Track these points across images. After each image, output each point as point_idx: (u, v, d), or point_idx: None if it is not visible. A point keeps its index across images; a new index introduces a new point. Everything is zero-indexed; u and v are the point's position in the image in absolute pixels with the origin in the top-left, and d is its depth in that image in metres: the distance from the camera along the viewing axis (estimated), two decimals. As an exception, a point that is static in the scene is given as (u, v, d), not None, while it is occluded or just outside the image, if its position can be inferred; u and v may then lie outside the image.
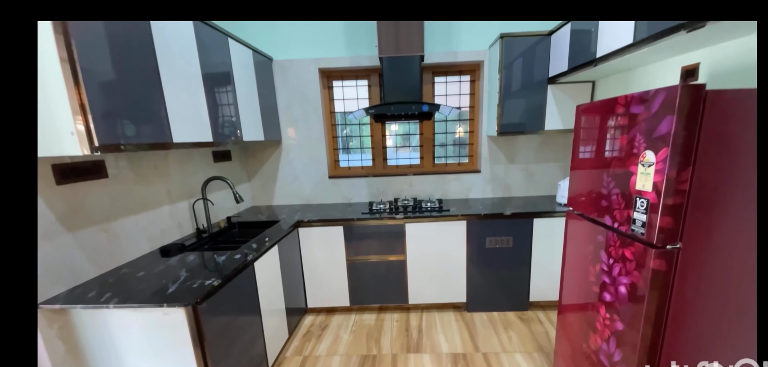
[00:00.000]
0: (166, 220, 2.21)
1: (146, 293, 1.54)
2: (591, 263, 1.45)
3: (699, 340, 1.14)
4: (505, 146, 3.05)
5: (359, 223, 2.62)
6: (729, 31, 1.37)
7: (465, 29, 2.81)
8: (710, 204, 1.04)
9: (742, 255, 1.06)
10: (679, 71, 1.82)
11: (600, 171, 1.36)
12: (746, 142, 1.00)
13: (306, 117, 3.03)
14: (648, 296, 1.12)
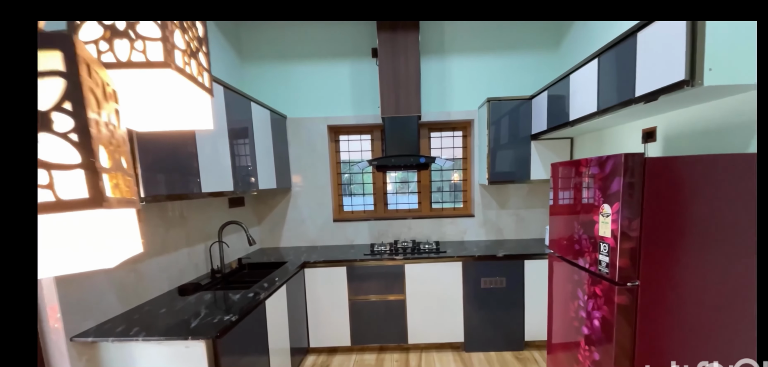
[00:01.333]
0: (184, 261, 2.39)
1: (170, 327, 1.70)
2: (571, 299, 1.65)
3: (664, 362, 1.32)
4: (496, 193, 3.31)
5: (361, 263, 2.80)
6: (679, 102, 1.67)
7: (457, 92, 3.18)
8: (660, 247, 1.27)
9: (694, 287, 1.27)
10: (641, 133, 2.12)
11: (572, 219, 1.60)
12: (680, 196, 1.25)
13: (314, 167, 3.30)
14: (616, 327, 1.32)
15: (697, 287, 1.28)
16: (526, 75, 3.14)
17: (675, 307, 1.29)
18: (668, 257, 1.28)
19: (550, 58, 3.14)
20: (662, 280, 1.28)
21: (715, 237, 1.28)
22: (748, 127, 1.49)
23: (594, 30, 2.58)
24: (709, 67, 1.33)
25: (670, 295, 1.29)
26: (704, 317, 1.29)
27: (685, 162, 1.31)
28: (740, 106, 1.53)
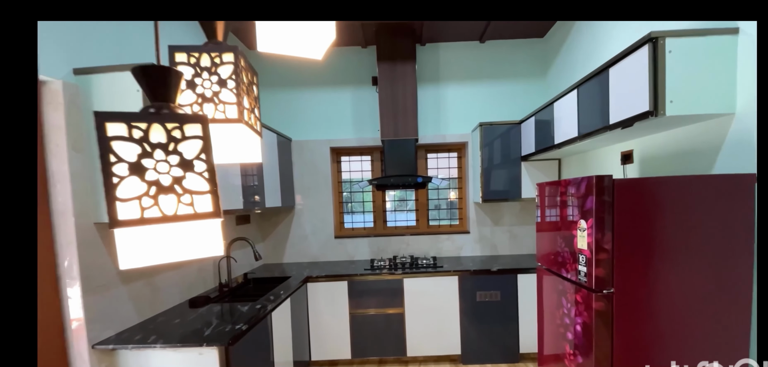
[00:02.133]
0: (194, 275, 2.52)
1: (184, 335, 1.82)
2: (556, 308, 1.79)
3: (640, 360, 1.46)
4: (489, 211, 3.48)
5: (362, 278, 2.93)
6: (652, 129, 1.85)
7: (451, 117, 3.39)
8: (631, 257, 1.43)
9: (664, 293, 1.43)
10: (619, 155, 2.31)
11: (556, 234, 1.77)
12: (647, 213, 1.42)
13: (316, 186, 3.47)
14: (595, 330, 1.47)
15: (666, 293, 1.43)
16: (515, 101, 3.36)
17: (647, 311, 1.44)
18: (639, 266, 1.44)
19: (538, 86, 3.37)
20: (634, 287, 1.44)
21: (680, 249, 1.45)
22: (712, 151, 1.68)
23: (577, 60, 2.81)
24: (671, 100, 1.53)
25: (643, 300, 1.44)
26: (675, 320, 1.44)
27: (649, 183, 1.49)
28: (704, 132, 1.72)
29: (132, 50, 2.01)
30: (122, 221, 0.35)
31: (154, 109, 0.41)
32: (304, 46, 0.49)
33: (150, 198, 0.37)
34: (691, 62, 1.53)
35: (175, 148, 0.39)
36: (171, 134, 0.38)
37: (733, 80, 1.55)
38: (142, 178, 0.37)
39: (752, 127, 1.49)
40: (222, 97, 0.52)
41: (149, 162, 0.38)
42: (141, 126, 0.36)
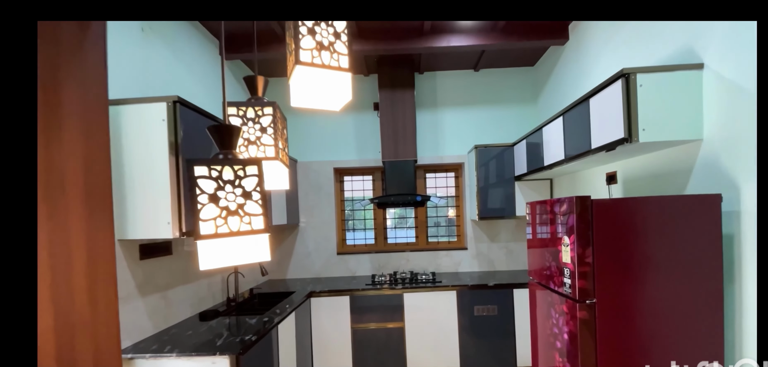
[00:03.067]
0: (204, 290, 2.65)
1: (198, 346, 1.94)
2: (546, 319, 1.92)
3: (623, 363, 1.58)
4: (486, 228, 3.62)
5: (363, 293, 3.05)
6: (632, 152, 2.02)
7: (448, 139, 3.59)
8: (610, 270, 1.58)
9: (642, 302, 1.56)
10: (604, 176, 2.48)
11: (544, 250, 1.91)
12: (623, 230, 1.57)
13: (320, 204, 3.62)
14: (580, 339, 1.60)
15: (644, 301, 1.57)
16: (508, 125, 3.55)
17: (627, 318, 1.58)
18: (618, 278, 1.58)
19: (529, 111, 3.57)
20: (614, 296, 1.58)
21: (655, 261, 1.59)
22: (685, 173, 1.84)
23: (565, 87, 3.01)
24: (643, 128, 1.70)
25: (622, 309, 1.58)
26: (652, 325, 1.58)
27: (624, 203, 1.65)
28: (677, 156, 1.89)
29: (156, 82, 2.21)
30: (203, 235, 0.50)
31: (222, 155, 0.57)
32: (327, 103, 0.65)
33: (222, 219, 0.52)
34: (660, 95, 1.71)
35: (239, 183, 0.55)
36: (237, 173, 0.54)
37: (699, 110, 1.73)
38: (216, 205, 0.52)
39: (719, 152, 1.65)
40: (263, 141, 0.68)
41: (221, 193, 0.53)
42: (217, 168, 0.52)
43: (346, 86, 0.62)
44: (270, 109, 0.71)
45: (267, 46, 2.80)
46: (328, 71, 0.59)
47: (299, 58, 0.57)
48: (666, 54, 1.93)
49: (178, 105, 1.82)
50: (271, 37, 2.80)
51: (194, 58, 2.63)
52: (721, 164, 1.64)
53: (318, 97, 0.63)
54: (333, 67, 0.60)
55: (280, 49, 2.84)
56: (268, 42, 2.84)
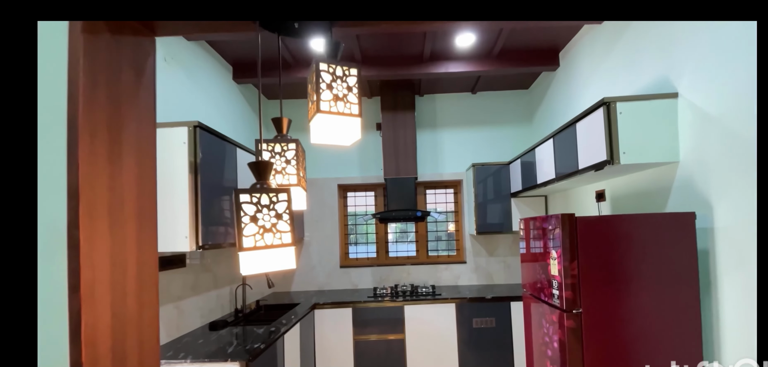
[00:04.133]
0: (213, 301, 2.77)
1: (210, 353, 2.06)
2: (538, 329, 2.04)
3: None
4: (484, 242, 3.74)
5: (365, 305, 3.17)
6: (617, 172, 2.16)
7: (447, 158, 3.75)
8: (594, 282, 1.70)
9: (625, 312, 1.69)
10: (594, 193, 2.62)
11: (535, 263, 2.04)
12: (605, 244, 1.71)
13: (324, 219, 3.76)
14: (568, 346, 1.71)
15: (626, 310, 1.69)
16: (505, 144, 3.71)
17: (611, 326, 1.70)
18: (602, 289, 1.71)
19: (525, 131, 3.74)
20: (599, 307, 1.70)
21: (635, 274, 1.72)
22: (666, 192, 1.98)
23: (557, 108, 3.18)
24: (624, 151, 1.85)
25: (607, 317, 1.70)
26: (635, 332, 1.69)
27: (605, 220, 1.79)
28: (658, 177, 2.03)
29: (176, 106, 2.39)
30: (245, 247, 0.65)
31: (259, 185, 0.72)
32: (340, 141, 0.81)
33: (259, 235, 0.66)
34: (639, 121, 1.87)
35: (273, 207, 0.70)
36: (271, 199, 0.69)
37: (675, 135, 1.89)
38: (255, 224, 0.67)
39: (694, 173, 1.80)
40: (287, 171, 0.83)
41: (259, 215, 0.68)
42: (257, 195, 0.67)
43: (356, 128, 0.78)
44: (293, 145, 0.86)
45: (272, 71, 2.97)
46: (342, 117, 0.74)
47: (319, 108, 0.73)
48: (645, 83, 2.10)
49: (198, 129, 2.00)
50: (277, 62, 2.99)
51: (210, 83, 2.83)
52: (696, 185, 1.78)
53: (333, 136, 0.79)
54: (346, 113, 0.75)
55: (289, 74, 3.03)
56: (274, 67, 3.03)
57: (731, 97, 1.58)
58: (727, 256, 1.64)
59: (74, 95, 0.75)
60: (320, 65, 0.75)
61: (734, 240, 1.60)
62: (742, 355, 1.57)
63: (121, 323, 0.87)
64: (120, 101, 0.86)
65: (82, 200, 0.74)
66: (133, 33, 0.90)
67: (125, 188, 0.88)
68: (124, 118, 0.87)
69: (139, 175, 0.92)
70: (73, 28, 0.76)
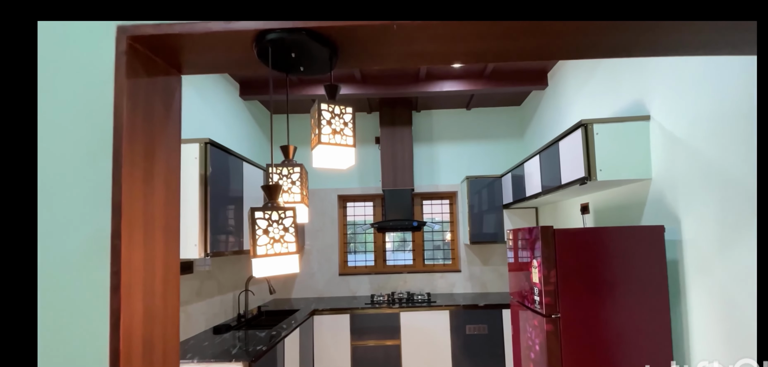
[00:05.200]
0: (217, 306, 2.92)
1: (216, 354, 2.20)
2: (523, 332, 2.18)
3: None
4: (478, 252, 3.89)
5: (363, 312, 3.30)
6: (598, 187, 2.32)
7: (443, 170, 3.92)
8: (571, 289, 1.85)
9: (600, 317, 1.83)
10: (579, 205, 2.77)
11: (520, 272, 2.19)
12: (581, 254, 1.85)
13: (324, 228, 3.92)
14: (547, 348, 1.85)
15: (601, 314, 1.83)
16: (497, 158, 3.88)
17: (586, 329, 1.84)
18: (578, 296, 1.85)
19: (516, 145, 3.91)
20: (576, 312, 1.84)
21: (609, 281, 1.86)
22: (641, 206, 2.14)
23: (546, 124, 3.35)
24: (600, 169, 2.01)
25: (583, 321, 1.84)
26: (609, 335, 1.83)
27: (582, 232, 1.95)
28: (635, 192, 2.19)
29: (188, 123, 2.56)
30: (259, 255, 0.80)
31: (271, 204, 0.88)
32: (338, 165, 0.96)
33: (270, 245, 0.82)
34: (614, 141, 2.03)
35: (281, 221, 0.85)
36: (280, 216, 0.85)
37: (647, 154, 2.05)
38: (267, 236, 0.82)
39: (664, 189, 1.95)
40: (293, 190, 0.98)
41: (270, 229, 0.84)
42: (268, 213, 0.82)
43: (351, 156, 0.94)
44: (298, 169, 1.03)
45: (279, 89, 3.15)
46: (338, 148, 0.90)
47: (320, 140, 0.90)
48: (623, 105, 2.27)
49: (208, 146, 2.16)
50: (284, 81, 3.18)
51: (218, 100, 3.01)
52: (666, 200, 1.94)
53: (332, 162, 0.95)
54: (342, 144, 0.92)
55: (294, 91, 3.22)
56: (280, 85, 3.21)
57: (694, 121, 1.74)
58: (693, 265, 1.79)
59: (119, 130, 0.91)
60: (321, 105, 0.91)
61: (699, 251, 1.75)
62: (709, 357, 1.71)
63: (150, 317, 1.02)
64: (153, 132, 1.03)
65: (123, 215, 0.90)
66: (164, 73, 1.07)
67: (156, 204, 1.04)
68: (155, 146, 1.04)
69: (166, 193, 1.08)
70: (118, 72, 0.93)
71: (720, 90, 1.59)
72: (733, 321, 1.57)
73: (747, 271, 1.49)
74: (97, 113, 0.91)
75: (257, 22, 0.90)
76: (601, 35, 1.03)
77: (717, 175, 1.62)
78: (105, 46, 0.92)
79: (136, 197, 0.95)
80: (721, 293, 1.63)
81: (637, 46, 1.11)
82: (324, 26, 0.89)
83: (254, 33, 0.92)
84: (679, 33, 1.07)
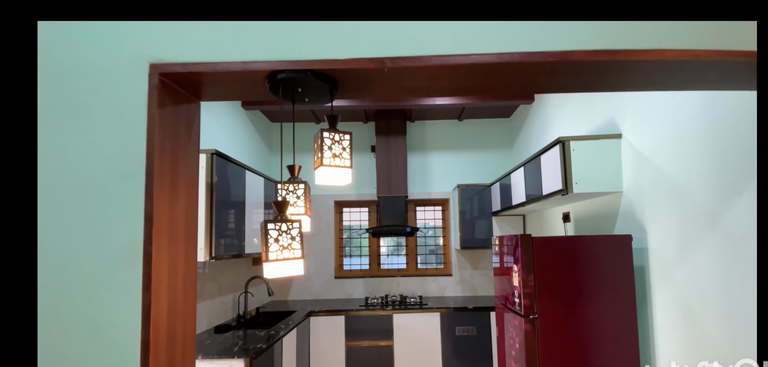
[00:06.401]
0: (218, 307, 3.06)
1: (218, 351, 2.35)
2: (505, 332, 2.35)
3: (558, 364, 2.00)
4: (469, 256, 4.06)
5: (357, 314, 3.45)
6: (580, 197, 2.50)
7: (436, 178, 4.10)
8: (548, 292, 2.03)
9: (574, 318, 2.01)
10: (562, 214, 2.96)
11: (503, 276, 2.37)
12: (557, 261, 2.04)
13: (321, 233, 4.07)
14: (525, 347, 2.03)
15: (574, 315, 2.01)
16: (488, 167, 4.07)
17: (561, 329, 2.01)
18: (554, 298, 2.03)
19: (506, 155, 4.10)
20: (552, 313, 2.02)
21: (582, 285, 2.04)
22: (614, 217, 2.32)
23: (533, 136, 3.54)
24: (576, 182, 2.20)
25: (558, 322, 2.02)
26: (582, 334, 2.01)
27: (558, 240, 2.13)
28: (609, 203, 2.38)
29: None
30: (270, 260, 0.96)
31: (281, 219, 1.04)
32: (337, 183, 1.13)
33: (279, 251, 0.98)
34: (588, 157, 2.22)
35: (289, 231, 1.02)
36: (288, 227, 1.01)
37: (619, 169, 2.24)
38: (277, 243, 0.99)
39: (633, 201, 2.14)
40: (298, 204, 1.15)
41: (279, 237, 1.00)
42: (278, 224, 0.98)
43: (348, 176, 1.11)
44: (302, 186, 1.20)
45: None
46: (338, 169, 1.07)
47: (322, 162, 1.06)
48: (598, 123, 2.47)
49: (214, 156, 2.32)
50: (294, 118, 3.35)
51: (222, 111, 3.16)
52: (635, 211, 2.13)
53: (332, 180, 1.12)
54: (341, 166, 1.08)
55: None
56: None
57: (658, 141, 1.94)
58: (657, 271, 1.98)
59: (151, 152, 1.07)
60: (324, 133, 1.08)
61: (662, 258, 1.94)
62: (672, 356, 1.89)
63: (173, 311, 1.18)
64: (177, 152, 1.19)
65: (154, 224, 1.06)
66: (187, 101, 1.23)
67: (178, 213, 1.20)
68: (179, 163, 1.20)
69: (187, 204, 1.24)
70: (151, 103, 1.09)
71: (680, 113, 1.78)
72: (690, 322, 1.75)
73: (702, 277, 1.68)
74: (133, 138, 1.07)
75: (270, 63, 1.07)
76: (569, 76, 1.20)
77: (677, 190, 1.81)
78: (139, 81, 1.08)
79: (163, 208, 1.11)
80: (680, 297, 1.82)
81: (599, 84, 1.29)
82: (326, 68, 1.06)
83: (267, 72, 1.08)
84: (652, 72, 1.14)
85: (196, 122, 1.29)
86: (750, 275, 1.43)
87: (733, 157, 1.49)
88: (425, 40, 1.04)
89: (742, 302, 1.46)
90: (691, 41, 1.07)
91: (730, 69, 1.14)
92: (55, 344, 1.01)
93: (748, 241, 1.43)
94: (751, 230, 1.42)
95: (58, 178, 1.03)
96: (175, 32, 1.08)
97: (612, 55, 1.05)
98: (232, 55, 1.08)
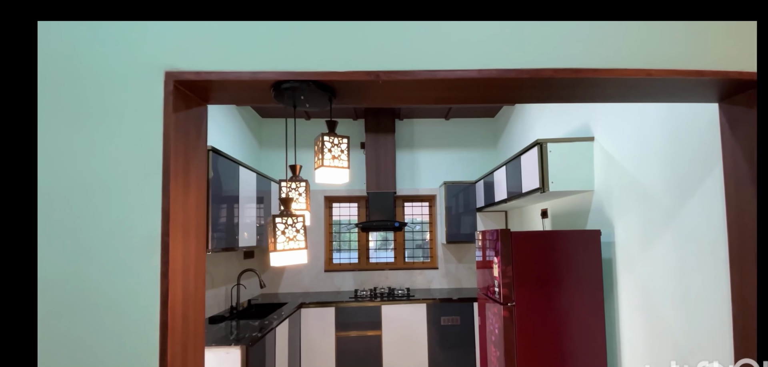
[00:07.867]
0: (211, 299, 3.14)
1: (214, 340, 2.45)
2: (487, 320, 2.54)
3: (533, 353, 2.19)
4: (454, 251, 4.25)
5: (346, 305, 3.59)
6: (556, 195, 2.69)
7: (423, 175, 4.26)
8: (525, 282, 2.21)
9: (549, 307, 2.20)
10: (540, 210, 3.17)
11: (486, 269, 2.55)
12: (534, 254, 2.23)
13: (311, 227, 4.18)
14: (504, 331, 2.21)
15: (549, 304, 2.21)
16: (473, 165, 4.25)
17: (537, 316, 2.21)
18: (530, 288, 2.22)
19: (490, 154, 4.30)
20: (528, 301, 2.21)
21: (555, 276, 2.24)
22: (586, 213, 2.53)
23: (516, 136, 3.74)
24: (552, 181, 2.38)
25: (534, 310, 2.21)
26: (555, 322, 2.21)
27: (535, 235, 2.32)
28: (582, 201, 2.58)
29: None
30: (278, 250, 1.08)
31: (287, 214, 1.17)
32: (336, 181, 1.26)
33: (287, 242, 1.11)
34: (564, 158, 2.41)
35: (294, 225, 1.14)
36: (293, 221, 1.13)
37: (591, 169, 2.44)
38: (283, 235, 1.11)
39: (603, 199, 2.34)
40: (300, 201, 1.27)
41: (287, 230, 1.12)
42: (285, 218, 1.11)
43: (345, 175, 1.24)
44: (303, 184, 1.32)
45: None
46: (337, 169, 1.21)
47: (323, 163, 1.19)
48: (574, 126, 2.66)
49: (210, 152, 2.41)
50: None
51: (213, 108, 3.22)
52: (604, 208, 2.33)
53: (331, 179, 1.25)
54: (339, 166, 1.22)
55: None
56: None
57: (625, 144, 2.13)
58: (623, 263, 2.19)
59: (167, 153, 1.18)
60: (324, 137, 1.21)
61: (626, 251, 2.15)
62: (634, 341, 2.10)
63: (186, 297, 1.29)
64: (188, 151, 1.30)
65: (170, 218, 1.17)
66: (197, 105, 1.34)
67: (190, 208, 1.31)
68: (189, 162, 1.31)
69: (197, 200, 1.36)
70: (166, 108, 1.19)
71: (643, 121, 1.98)
72: (650, 307, 1.96)
73: (659, 268, 1.88)
74: (151, 140, 1.18)
75: (276, 73, 1.19)
76: (541, 90, 1.36)
77: (640, 190, 2.01)
78: (156, 87, 1.18)
79: (177, 203, 1.22)
80: (641, 285, 2.02)
81: (570, 97, 1.46)
82: (326, 79, 1.19)
83: (273, 81, 1.20)
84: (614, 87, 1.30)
85: (204, 124, 1.40)
86: (700, 265, 1.63)
87: (687, 162, 1.69)
88: (415, 56, 1.18)
89: (695, 289, 1.66)
90: (644, 62, 1.24)
91: (681, 86, 1.32)
92: (84, 327, 1.12)
93: (699, 235, 1.63)
94: (702, 225, 1.61)
95: (85, 177, 1.13)
96: (188, 42, 1.19)
97: (576, 73, 1.21)
98: (241, 65, 1.19)
